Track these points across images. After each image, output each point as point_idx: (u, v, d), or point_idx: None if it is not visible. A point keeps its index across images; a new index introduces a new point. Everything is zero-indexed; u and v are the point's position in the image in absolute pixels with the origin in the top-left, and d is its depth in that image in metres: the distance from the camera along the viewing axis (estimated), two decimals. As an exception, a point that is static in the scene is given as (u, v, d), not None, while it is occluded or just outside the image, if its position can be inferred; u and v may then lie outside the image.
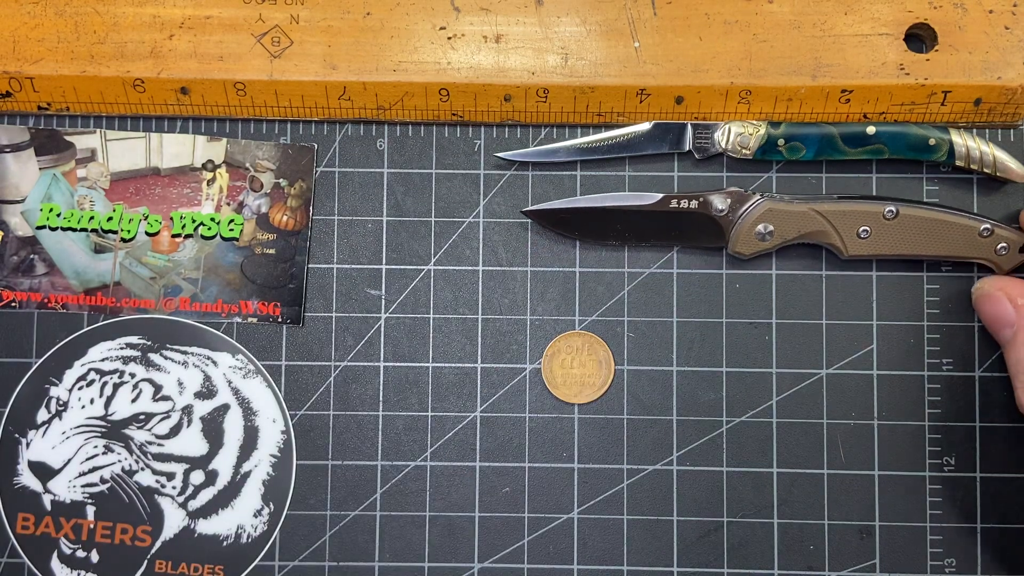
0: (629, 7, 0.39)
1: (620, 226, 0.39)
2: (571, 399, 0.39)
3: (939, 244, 0.38)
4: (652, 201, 0.39)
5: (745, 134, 0.39)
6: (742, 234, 0.38)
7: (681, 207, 0.39)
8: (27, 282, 0.40)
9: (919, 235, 0.38)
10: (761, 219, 0.38)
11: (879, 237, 0.38)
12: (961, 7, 0.38)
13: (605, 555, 0.39)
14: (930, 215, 0.38)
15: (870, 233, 0.38)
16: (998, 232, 0.38)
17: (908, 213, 0.38)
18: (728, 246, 0.39)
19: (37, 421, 0.39)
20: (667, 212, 0.39)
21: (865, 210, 0.38)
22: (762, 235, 0.38)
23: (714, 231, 0.39)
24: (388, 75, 0.38)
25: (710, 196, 0.39)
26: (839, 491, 0.39)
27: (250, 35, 0.39)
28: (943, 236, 0.38)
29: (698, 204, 0.39)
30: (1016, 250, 0.38)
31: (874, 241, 0.38)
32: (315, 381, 0.40)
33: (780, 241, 0.38)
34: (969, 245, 0.38)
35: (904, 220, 0.38)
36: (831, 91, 0.38)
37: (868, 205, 0.38)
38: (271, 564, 0.39)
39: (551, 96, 0.39)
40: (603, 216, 0.39)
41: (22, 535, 0.39)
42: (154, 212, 0.40)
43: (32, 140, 0.40)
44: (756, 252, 0.39)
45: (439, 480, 0.39)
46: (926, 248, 0.38)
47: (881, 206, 0.38)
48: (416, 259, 0.40)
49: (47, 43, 0.39)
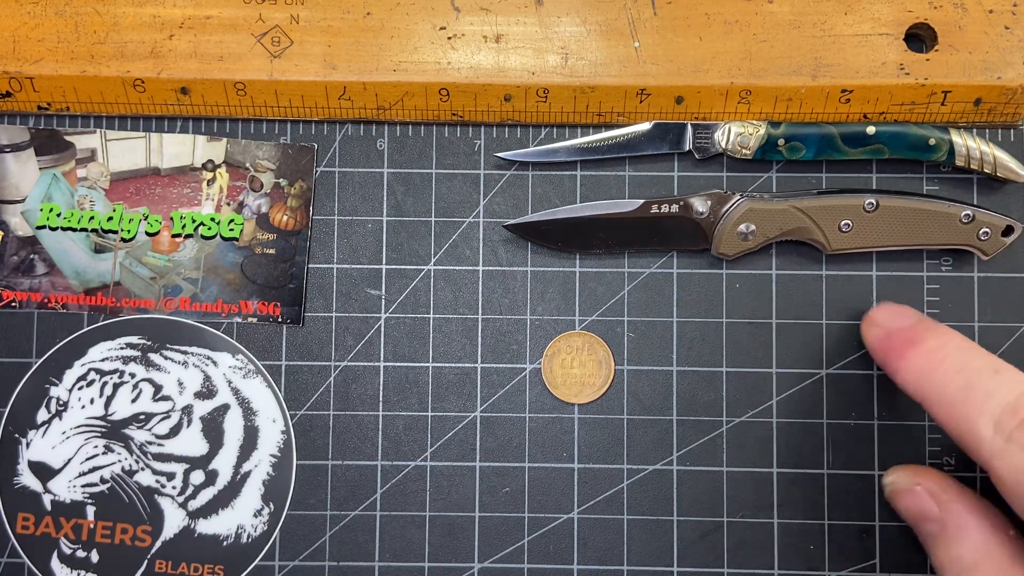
0: (629, 7, 0.39)
1: (603, 234, 0.39)
2: (571, 399, 0.39)
3: (921, 233, 0.38)
4: (633, 208, 0.39)
5: (745, 134, 0.39)
6: (724, 235, 0.38)
7: (662, 212, 0.39)
8: (27, 282, 0.40)
9: (901, 225, 0.38)
10: (743, 219, 0.38)
11: (861, 230, 0.38)
12: (961, 7, 0.38)
13: (605, 555, 0.39)
14: (910, 205, 0.38)
15: (851, 226, 0.38)
16: (979, 217, 0.38)
17: (888, 204, 0.38)
18: (712, 248, 0.39)
19: (37, 421, 0.39)
20: (649, 218, 0.39)
21: (845, 204, 0.38)
22: (744, 235, 0.38)
23: (697, 234, 0.39)
24: (388, 75, 0.38)
25: (691, 199, 0.39)
26: (839, 491, 0.39)
27: (250, 35, 0.39)
28: (925, 225, 0.38)
29: (679, 208, 0.39)
30: (998, 234, 0.38)
31: (856, 234, 0.38)
32: (315, 381, 0.40)
33: (763, 240, 0.38)
34: (952, 232, 0.38)
35: (885, 211, 0.38)
36: (831, 91, 0.38)
37: (848, 199, 0.38)
38: (271, 564, 0.39)
39: (551, 96, 0.39)
40: (585, 226, 0.39)
41: (22, 535, 0.39)
42: (154, 212, 0.40)
43: (32, 140, 0.40)
44: (740, 252, 0.39)
45: (439, 480, 0.39)
46: (909, 238, 0.38)
47: (860, 199, 0.38)
48: (416, 259, 0.40)
49: (47, 43, 0.39)
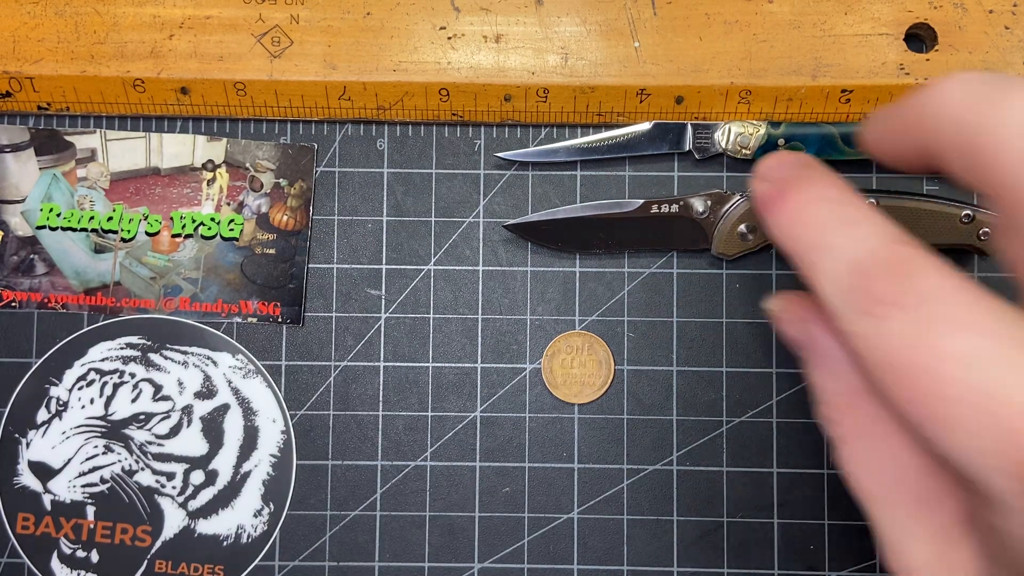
0: (629, 7, 0.39)
1: (603, 234, 0.39)
2: (571, 399, 0.39)
3: (921, 233, 0.38)
4: (633, 208, 0.39)
5: (745, 134, 0.39)
6: (724, 235, 0.38)
7: (662, 212, 0.39)
8: (27, 282, 0.40)
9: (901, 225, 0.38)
10: (742, 219, 0.38)
11: None
12: (961, 7, 0.38)
13: (605, 555, 0.39)
14: (910, 204, 0.38)
15: None
16: (979, 218, 0.37)
17: (888, 204, 0.38)
18: (711, 248, 0.39)
19: (37, 421, 0.39)
20: (649, 218, 0.39)
21: None
22: (744, 234, 0.38)
23: (697, 234, 0.39)
24: (388, 75, 0.38)
25: (690, 199, 0.38)
26: (839, 491, 0.39)
27: (250, 35, 0.39)
28: (924, 224, 0.38)
29: (679, 208, 0.39)
30: None
31: None
32: (315, 381, 0.40)
33: (763, 240, 0.38)
34: (952, 232, 0.38)
35: (885, 211, 0.38)
36: (831, 91, 0.38)
37: None
38: (271, 564, 0.39)
39: (551, 96, 0.39)
40: (585, 225, 0.39)
41: (22, 535, 0.39)
42: (154, 212, 0.40)
43: (32, 140, 0.40)
44: (740, 252, 0.39)
45: (439, 480, 0.39)
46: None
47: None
48: (416, 259, 0.40)
49: (47, 43, 0.39)
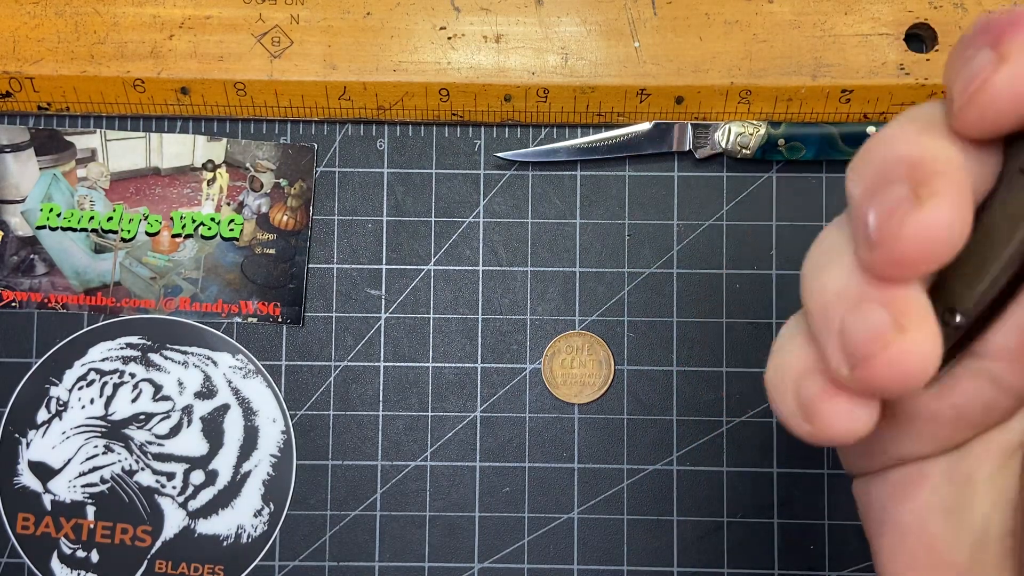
0: (629, 7, 0.39)
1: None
2: (571, 399, 0.39)
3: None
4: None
5: (745, 134, 0.39)
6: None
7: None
8: (27, 282, 0.40)
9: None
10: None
11: None
12: (961, 7, 0.38)
13: (605, 555, 0.39)
14: None
15: None
16: None
17: None
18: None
19: (37, 421, 0.39)
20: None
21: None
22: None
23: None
24: (388, 75, 0.38)
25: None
26: (839, 491, 0.39)
27: (250, 35, 0.39)
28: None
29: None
30: None
31: None
32: (315, 381, 0.40)
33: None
34: None
35: None
36: (831, 91, 0.38)
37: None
38: (271, 564, 0.39)
39: (551, 96, 0.39)
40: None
41: (22, 535, 0.39)
42: (154, 212, 0.40)
43: (32, 140, 0.40)
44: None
45: (439, 480, 0.39)
46: None
47: None
48: (416, 259, 0.40)
49: (47, 43, 0.39)
